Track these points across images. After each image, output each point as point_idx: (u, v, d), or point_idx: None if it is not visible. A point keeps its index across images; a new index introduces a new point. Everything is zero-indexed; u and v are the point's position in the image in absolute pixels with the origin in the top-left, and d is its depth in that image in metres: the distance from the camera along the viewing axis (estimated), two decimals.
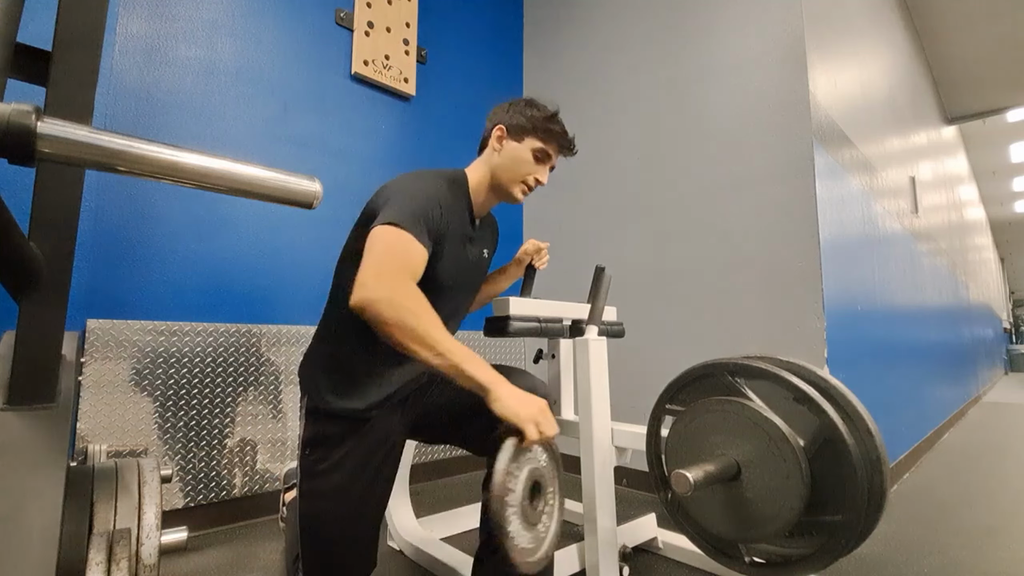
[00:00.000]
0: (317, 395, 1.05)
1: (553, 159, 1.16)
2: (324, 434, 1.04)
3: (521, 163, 1.12)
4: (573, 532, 1.63)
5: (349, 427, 1.03)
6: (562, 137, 1.14)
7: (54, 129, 0.38)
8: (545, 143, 1.13)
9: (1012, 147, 6.88)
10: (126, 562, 0.62)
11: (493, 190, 1.16)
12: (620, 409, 1.52)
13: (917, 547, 1.54)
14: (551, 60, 2.80)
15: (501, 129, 1.14)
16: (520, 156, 1.12)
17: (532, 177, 1.14)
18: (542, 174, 1.15)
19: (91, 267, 1.52)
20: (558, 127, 1.14)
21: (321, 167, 2.07)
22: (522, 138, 1.13)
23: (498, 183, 1.14)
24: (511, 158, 1.13)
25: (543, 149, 1.13)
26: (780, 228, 1.83)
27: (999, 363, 10.08)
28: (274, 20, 1.98)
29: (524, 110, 1.14)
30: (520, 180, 1.13)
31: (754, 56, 1.96)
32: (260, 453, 1.76)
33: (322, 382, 1.06)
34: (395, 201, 0.96)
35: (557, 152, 1.16)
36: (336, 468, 1.02)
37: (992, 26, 3.99)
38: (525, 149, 1.12)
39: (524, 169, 1.13)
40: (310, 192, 0.53)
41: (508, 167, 1.13)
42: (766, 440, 0.90)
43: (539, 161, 1.13)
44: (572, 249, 2.50)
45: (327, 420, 1.04)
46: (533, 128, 1.12)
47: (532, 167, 1.13)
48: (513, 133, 1.13)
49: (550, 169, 1.18)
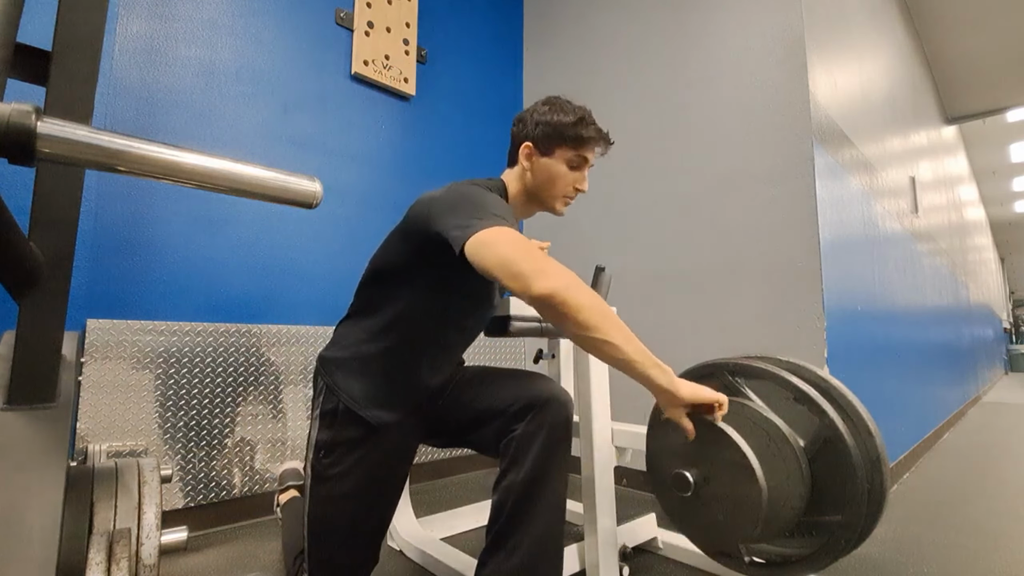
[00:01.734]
0: (344, 397, 1.01)
1: (591, 161, 1.09)
2: (342, 438, 1.01)
3: (557, 178, 1.06)
4: (573, 532, 1.63)
5: (369, 430, 1.01)
6: (596, 141, 1.06)
7: (54, 129, 0.38)
8: (578, 150, 1.05)
9: (1012, 147, 6.88)
10: (126, 562, 0.62)
11: (532, 204, 1.11)
12: (620, 409, 1.52)
13: (917, 547, 1.54)
14: (551, 60, 2.80)
15: (528, 147, 1.07)
16: (555, 171, 1.05)
17: (572, 188, 1.08)
18: (581, 182, 1.08)
19: (91, 267, 1.52)
20: (589, 130, 1.05)
21: (321, 167, 2.07)
22: (552, 151, 1.05)
23: (538, 200, 1.09)
24: (546, 176, 1.06)
25: (578, 156, 1.06)
26: (780, 228, 1.83)
27: (999, 363, 10.08)
28: (274, 20, 1.98)
29: (550, 119, 1.05)
30: (561, 195, 1.08)
31: (754, 56, 1.96)
32: (260, 453, 1.76)
33: (355, 388, 1.02)
34: (472, 206, 0.88)
35: (594, 153, 1.08)
36: (350, 472, 1.00)
37: (992, 26, 3.99)
38: (558, 162, 1.05)
39: (562, 183, 1.06)
40: (310, 192, 0.54)
41: (544, 185, 1.07)
42: (766, 440, 0.90)
43: (576, 168, 1.07)
44: (572, 249, 2.50)
45: (348, 423, 1.01)
46: (563, 138, 1.04)
47: (570, 178, 1.06)
48: (542, 148, 1.06)
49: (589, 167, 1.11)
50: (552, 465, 0.97)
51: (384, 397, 1.03)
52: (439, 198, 0.95)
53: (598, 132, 1.06)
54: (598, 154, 1.09)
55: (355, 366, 1.04)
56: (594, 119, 1.08)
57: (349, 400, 1.01)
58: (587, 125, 1.05)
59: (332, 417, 1.02)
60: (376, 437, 1.01)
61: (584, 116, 1.06)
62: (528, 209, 1.13)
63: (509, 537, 0.94)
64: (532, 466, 0.94)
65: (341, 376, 1.03)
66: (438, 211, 0.92)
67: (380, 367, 1.03)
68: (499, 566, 0.95)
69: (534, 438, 0.96)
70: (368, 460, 1.01)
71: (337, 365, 1.05)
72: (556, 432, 0.97)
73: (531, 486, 0.93)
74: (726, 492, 0.92)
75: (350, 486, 1.00)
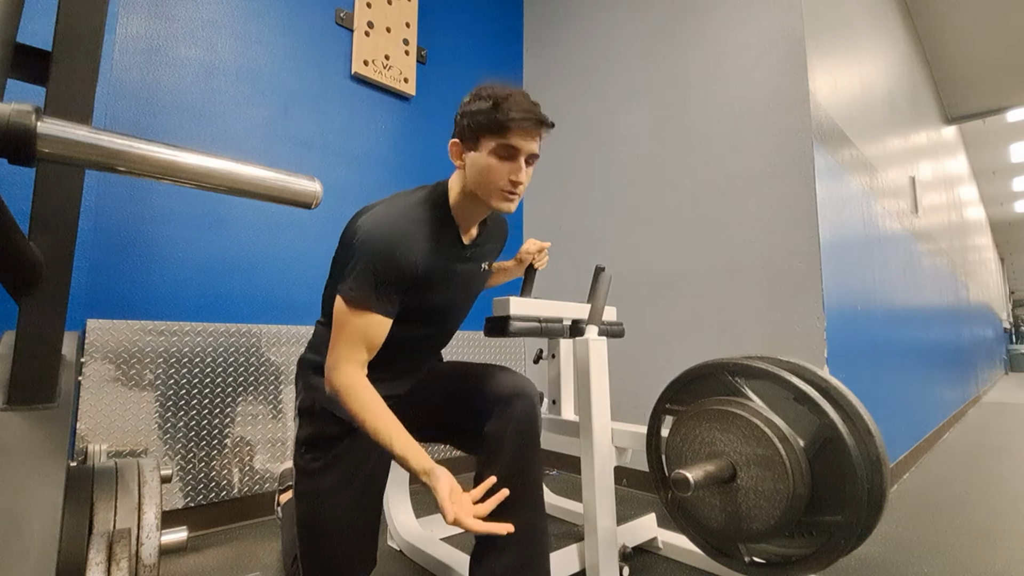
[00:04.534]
0: (319, 396, 1.04)
1: (523, 148, 0.95)
2: (321, 434, 1.05)
3: (488, 172, 0.95)
4: (573, 532, 1.63)
5: (346, 427, 1.03)
6: (520, 120, 0.92)
7: (54, 129, 0.38)
8: (502, 136, 0.93)
9: (1012, 147, 6.87)
10: (126, 562, 0.62)
11: (476, 204, 1.02)
12: (620, 409, 1.52)
13: (917, 547, 1.54)
14: (551, 60, 2.80)
15: (455, 144, 1.00)
16: (483, 165, 0.95)
17: (506, 180, 0.95)
18: (516, 172, 0.95)
19: (91, 267, 1.52)
20: (509, 112, 0.92)
21: (321, 167, 2.06)
22: (478, 143, 0.95)
23: (477, 200, 1.00)
24: (476, 170, 0.97)
25: (503, 145, 0.94)
26: (780, 228, 1.83)
27: (999, 363, 10.07)
28: (274, 20, 1.98)
29: (469, 109, 0.96)
30: (497, 189, 0.96)
31: (754, 56, 1.96)
32: (260, 453, 1.76)
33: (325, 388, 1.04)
34: (361, 266, 0.92)
35: (524, 137, 0.94)
36: (332, 467, 1.03)
37: (992, 26, 3.99)
38: (485, 155, 0.95)
39: (495, 177, 0.95)
40: (310, 192, 0.54)
41: (478, 182, 0.97)
42: (766, 440, 0.90)
43: (505, 159, 0.95)
44: (572, 249, 2.50)
45: (325, 421, 1.04)
46: (483, 127, 0.94)
47: (502, 170, 0.95)
48: (467, 142, 0.97)
49: (532, 157, 0.98)
50: (526, 459, 0.99)
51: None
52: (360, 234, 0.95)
53: (522, 113, 0.92)
54: (533, 138, 0.96)
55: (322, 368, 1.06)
56: (522, 100, 0.94)
57: (323, 399, 1.03)
58: (505, 108, 0.92)
59: (310, 415, 1.06)
60: (354, 433, 1.03)
61: (501, 98, 0.93)
62: (475, 209, 1.03)
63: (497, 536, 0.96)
64: (507, 463, 0.97)
65: (316, 376, 1.07)
66: (352, 253, 0.95)
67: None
68: (492, 566, 0.97)
69: (504, 435, 0.98)
70: (348, 455, 1.04)
71: (312, 366, 1.10)
72: (523, 425, 1.00)
73: (509, 483, 0.95)
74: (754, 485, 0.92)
75: (332, 481, 1.02)
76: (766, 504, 0.90)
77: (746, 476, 0.92)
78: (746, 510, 0.93)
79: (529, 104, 0.95)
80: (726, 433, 0.95)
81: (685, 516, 1.07)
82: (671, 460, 1.06)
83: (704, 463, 0.94)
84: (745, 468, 0.93)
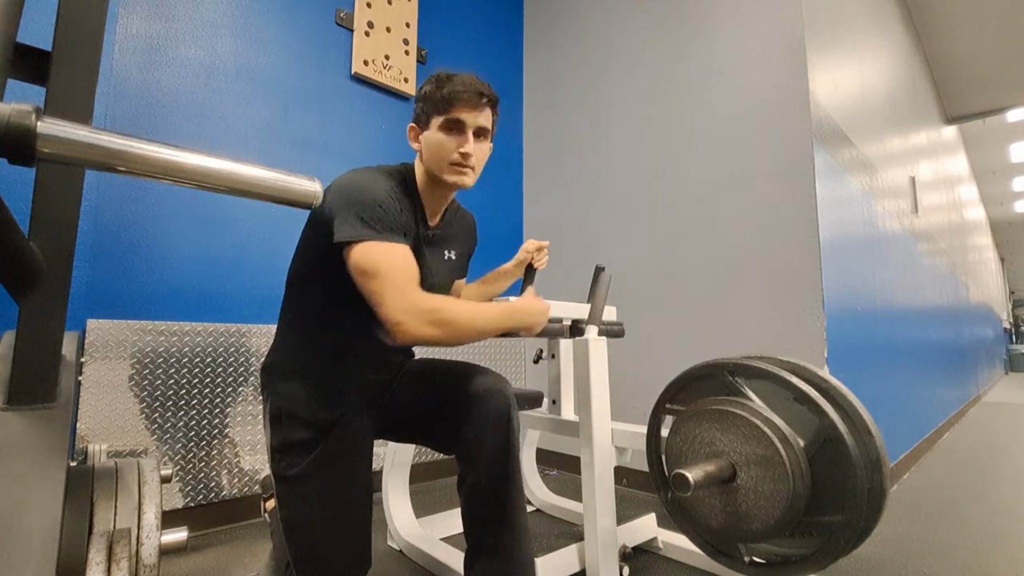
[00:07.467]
0: (285, 403, 1.03)
1: (468, 122, 1.03)
2: (292, 440, 1.02)
3: (438, 147, 1.04)
4: (573, 532, 1.63)
5: (317, 431, 1.01)
6: (461, 93, 1.01)
7: (54, 129, 0.38)
8: (445, 111, 1.02)
9: (1012, 147, 6.87)
10: (126, 562, 0.62)
11: (436, 185, 1.09)
12: (620, 409, 1.52)
13: (917, 547, 1.54)
14: (551, 60, 2.80)
15: (412, 128, 1.10)
16: (434, 141, 1.04)
17: (454, 154, 1.03)
18: (464, 144, 1.03)
19: (91, 267, 1.52)
20: (449, 88, 1.01)
21: (321, 167, 2.06)
22: (428, 123, 1.05)
23: (433, 176, 1.07)
24: (429, 149, 1.06)
25: (448, 119, 1.02)
26: (780, 228, 1.83)
27: (999, 363, 10.08)
28: (274, 20, 1.98)
29: (420, 93, 1.07)
30: (448, 163, 1.04)
31: (754, 56, 1.96)
32: (260, 453, 1.76)
33: (292, 391, 1.03)
34: (356, 208, 0.92)
35: (467, 110, 1.02)
36: (309, 472, 1.00)
37: (992, 26, 3.99)
38: (433, 131, 1.04)
39: (443, 151, 1.03)
40: (310, 192, 0.53)
41: (432, 159, 1.05)
42: (766, 440, 0.90)
43: (452, 132, 1.03)
44: (572, 249, 2.50)
45: (293, 426, 1.02)
46: (431, 105, 1.03)
47: (450, 143, 1.03)
48: (420, 125, 1.07)
49: (482, 131, 1.06)
50: (505, 459, 0.98)
51: (323, 398, 1.03)
52: (338, 189, 0.97)
53: (463, 85, 1.01)
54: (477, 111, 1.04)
55: (291, 370, 1.06)
56: (466, 78, 1.03)
57: (290, 404, 1.02)
58: (448, 86, 1.01)
59: (278, 422, 1.03)
60: (327, 437, 1.01)
61: (445, 78, 1.03)
62: (439, 192, 1.10)
63: (486, 539, 0.97)
64: (488, 465, 0.97)
65: (281, 382, 1.05)
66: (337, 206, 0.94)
67: (314, 368, 1.05)
68: (484, 568, 0.97)
69: (482, 437, 0.97)
70: (324, 460, 1.01)
71: (275, 372, 1.08)
72: (499, 422, 0.99)
73: (493, 484, 0.94)
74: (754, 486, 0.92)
75: (312, 486, 1.00)
76: (766, 504, 0.90)
77: (746, 476, 0.92)
78: (746, 510, 0.93)
79: (472, 79, 1.04)
80: (726, 433, 0.95)
81: (685, 516, 1.07)
82: (671, 460, 1.06)
83: (704, 463, 0.94)
84: (745, 468, 0.93)
